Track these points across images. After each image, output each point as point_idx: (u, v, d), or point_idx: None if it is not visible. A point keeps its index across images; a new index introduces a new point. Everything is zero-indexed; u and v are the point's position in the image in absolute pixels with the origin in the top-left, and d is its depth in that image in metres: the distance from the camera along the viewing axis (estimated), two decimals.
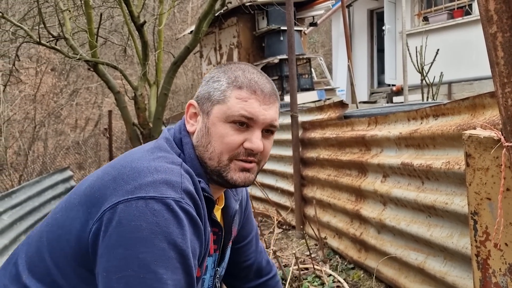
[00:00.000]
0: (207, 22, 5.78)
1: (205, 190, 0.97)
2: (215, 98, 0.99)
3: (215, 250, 1.08)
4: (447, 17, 8.27)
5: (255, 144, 0.99)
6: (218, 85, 1.00)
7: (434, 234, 2.00)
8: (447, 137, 1.92)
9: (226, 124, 0.98)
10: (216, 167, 0.99)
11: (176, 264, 0.84)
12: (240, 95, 0.98)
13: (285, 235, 3.66)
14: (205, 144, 0.99)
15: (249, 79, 1.00)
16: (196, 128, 1.02)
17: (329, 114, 3.31)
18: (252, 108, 0.98)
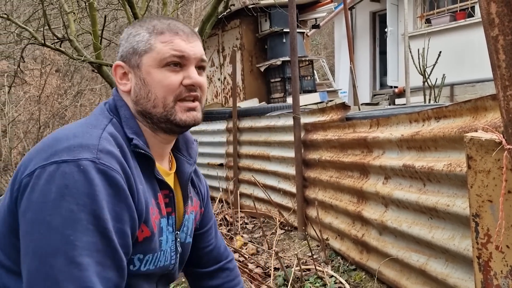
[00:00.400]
0: (210, 24, 5.80)
1: (138, 147, 0.97)
2: (141, 50, 1.01)
3: (169, 212, 1.07)
4: (450, 19, 8.27)
5: (194, 78, 1.02)
6: (140, 37, 1.02)
7: (436, 236, 2.00)
8: (448, 139, 1.93)
9: (160, 69, 1.00)
10: (163, 112, 1.01)
11: (87, 226, 0.83)
12: (164, 39, 1.01)
13: (287, 236, 3.67)
14: (145, 95, 1.01)
15: (167, 24, 1.03)
16: (130, 85, 1.03)
17: (331, 116, 3.32)
18: (180, 46, 1.01)
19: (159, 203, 1.03)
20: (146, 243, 0.98)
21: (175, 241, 1.09)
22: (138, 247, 0.96)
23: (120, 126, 1.00)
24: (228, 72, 8.44)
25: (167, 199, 1.06)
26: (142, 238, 0.97)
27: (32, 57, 11.89)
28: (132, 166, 0.95)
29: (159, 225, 1.02)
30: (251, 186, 4.52)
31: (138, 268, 0.98)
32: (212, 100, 8.96)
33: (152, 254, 1.00)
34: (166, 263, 1.06)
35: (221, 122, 5.30)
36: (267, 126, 4.27)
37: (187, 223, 1.14)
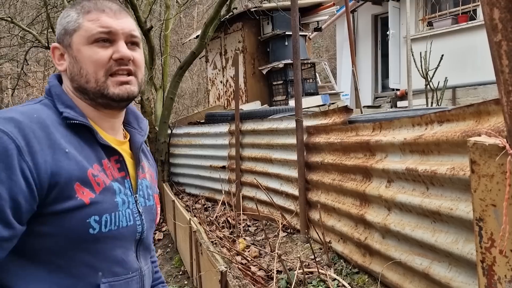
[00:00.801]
0: (213, 27, 5.82)
1: (69, 118, 1.01)
2: (71, 29, 1.06)
3: (123, 176, 1.10)
4: (452, 22, 8.28)
5: (121, 52, 1.05)
6: (69, 18, 1.08)
7: (439, 239, 2.01)
8: (452, 143, 1.94)
9: (90, 46, 1.04)
10: (96, 87, 1.05)
11: None
12: (91, 17, 1.06)
13: (289, 239, 3.67)
14: (77, 72, 1.05)
15: (94, 3, 1.08)
16: (66, 64, 1.08)
17: (334, 119, 3.33)
18: (107, 22, 1.06)
19: (106, 168, 1.06)
20: (97, 204, 0.99)
21: (136, 204, 1.11)
22: (89, 210, 0.98)
23: (51, 104, 1.05)
24: (230, 75, 8.46)
25: (118, 164, 1.10)
26: (88, 200, 0.98)
27: (36, 60, 11.92)
28: (54, 133, 0.97)
29: (111, 188, 1.05)
30: (254, 189, 4.53)
31: (100, 230, 1.00)
32: (214, 103, 8.98)
33: (109, 215, 1.02)
34: (130, 224, 1.07)
35: (224, 125, 5.31)
36: (269, 128, 4.28)
37: (142, 187, 1.17)
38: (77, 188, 0.97)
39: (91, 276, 0.99)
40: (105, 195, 1.02)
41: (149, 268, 1.19)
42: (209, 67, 9.26)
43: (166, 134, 6.25)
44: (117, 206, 1.05)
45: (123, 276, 1.06)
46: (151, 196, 1.21)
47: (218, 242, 3.63)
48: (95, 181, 1.00)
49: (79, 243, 0.97)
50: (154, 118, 6.38)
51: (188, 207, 5.18)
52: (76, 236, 0.96)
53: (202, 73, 14.27)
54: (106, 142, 1.06)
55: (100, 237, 0.99)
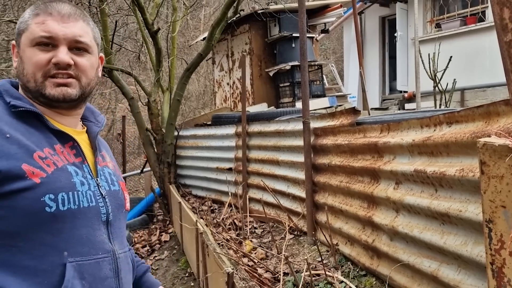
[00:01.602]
0: (219, 29, 5.83)
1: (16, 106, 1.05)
2: (21, 30, 1.12)
3: (81, 162, 1.14)
4: (460, 23, 8.23)
5: (58, 57, 1.09)
6: (23, 18, 1.13)
7: (448, 241, 1.99)
8: (461, 145, 1.92)
9: (32, 48, 1.09)
10: (35, 87, 1.09)
11: None
12: (38, 19, 1.10)
13: (296, 241, 3.66)
14: (21, 71, 1.11)
15: (45, 5, 1.12)
16: (17, 63, 1.13)
17: (341, 120, 3.31)
18: (50, 27, 1.09)
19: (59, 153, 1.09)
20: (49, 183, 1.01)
21: (98, 187, 1.14)
22: (41, 188, 1.00)
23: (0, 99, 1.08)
24: (237, 77, 8.47)
25: (74, 150, 1.14)
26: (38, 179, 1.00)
27: None
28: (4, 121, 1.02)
29: (65, 169, 1.07)
30: (260, 191, 4.52)
31: (57, 208, 1.01)
32: (221, 105, 9.00)
33: (66, 193, 1.04)
34: (92, 205, 1.09)
35: (230, 127, 5.31)
36: (276, 130, 4.27)
37: (103, 173, 1.20)
38: (26, 169, 0.99)
39: (55, 256, 0.99)
40: (58, 175, 1.04)
41: (126, 254, 1.20)
42: (216, 69, 9.28)
43: (172, 136, 6.27)
44: (74, 185, 1.07)
45: (92, 256, 1.05)
46: (115, 182, 1.24)
47: (224, 244, 3.62)
48: (44, 162, 1.03)
49: (38, 224, 0.98)
50: (161, 120, 6.39)
51: (194, 209, 5.18)
52: (32, 215, 0.97)
53: (209, 75, 14.31)
54: (57, 127, 1.10)
55: (58, 215, 1.01)
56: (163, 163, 6.26)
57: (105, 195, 1.15)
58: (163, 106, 6.56)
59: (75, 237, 1.03)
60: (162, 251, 5.33)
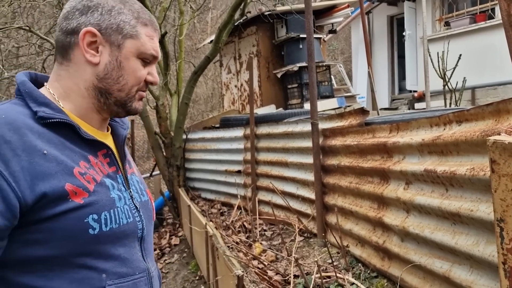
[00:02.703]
0: (226, 32, 5.84)
1: (44, 118, 0.94)
2: (127, 32, 1.02)
3: (115, 171, 1.06)
4: (470, 21, 8.14)
5: (156, 78, 1.09)
6: (125, 18, 1.02)
7: (460, 242, 1.96)
8: (471, 143, 1.89)
9: (137, 60, 1.04)
10: (124, 97, 1.04)
11: None
12: (148, 32, 1.05)
13: (306, 243, 3.64)
14: (115, 77, 1.02)
15: (149, 16, 1.07)
16: (100, 59, 1.01)
17: (350, 121, 3.29)
18: (156, 46, 1.08)
19: (94, 165, 1.00)
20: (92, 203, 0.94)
21: (132, 200, 1.07)
22: (85, 209, 0.92)
23: (23, 102, 0.97)
24: (244, 79, 8.47)
25: (107, 159, 1.05)
26: (81, 199, 0.92)
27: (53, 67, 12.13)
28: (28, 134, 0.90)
29: (104, 184, 0.99)
30: (269, 193, 4.51)
31: (100, 230, 0.94)
32: (229, 107, 9.01)
33: (108, 212, 0.97)
34: (130, 221, 1.02)
35: (239, 129, 5.31)
36: (284, 132, 4.26)
37: (133, 183, 1.12)
38: (69, 189, 0.91)
39: (95, 279, 0.93)
40: (99, 192, 0.97)
41: (156, 270, 1.14)
42: (224, 72, 9.29)
43: (181, 139, 6.28)
44: (114, 202, 0.99)
45: (130, 277, 1.00)
46: (144, 191, 1.16)
47: (234, 246, 3.62)
48: (85, 179, 0.95)
49: (79, 246, 0.91)
50: (169, 123, 6.41)
51: (204, 212, 5.19)
52: (74, 238, 0.90)
53: (217, 77, 14.34)
54: (91, 136, 1.01)
55: (101, 236, 0.94)
56: (172, 167, 6.28)
57: (139, 207, 1.08)
58: (171, 110, 6.59)
59: (114, 258, 0.97)
60: (172, 254, 5.34)
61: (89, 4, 1.01)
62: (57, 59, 1.04)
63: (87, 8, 1.01)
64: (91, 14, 1.00)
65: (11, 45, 7.43)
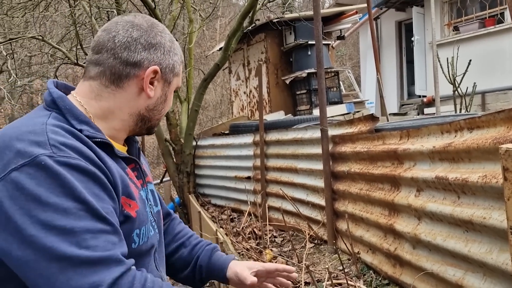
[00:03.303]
0: (235, 39, 5.88)
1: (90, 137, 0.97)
2: (176, 71, 1.13)
3: (142, 184, 1.12)
4: (479, 26, 8.11)
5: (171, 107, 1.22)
6: (177, 59, 1.14)
7: (472, 249, 1.95)
8: (483, 151, 1.89)
9: (172, 94, 1.17)
10: (154, 121, 1.14)
11: (78, 212, 0.83)
12: (180, 70, 1.17)
13: (317, 250, 3.64)
14: (160, 109, 1.13)
15: (182, 54, 1.17)
16: (154, 93, 1.10)
17: (360, 127, 3.30)
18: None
19: (132, 178, 1.06)
20: (138, 217, 1.00)
21: (151, 212, 1.12)
22: (134, 223, 0.97)
23: (63, 118, 0.99)
24: (253, 86, 8.51)
25: (135, 172, 1.12)
26: (134, 212, 0.97)
27: (65, 76, 12.31)
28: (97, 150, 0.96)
29: (141, 198, 1.05)
30: (279, 199, 4.51)
31: (138, 244, 1.00)
32: (238, 113, 9.04)
33: (145, 227, 1.03)
34: (152, 234, 1.08)
35: (248, 136, 5.33)
36: (294, 138, 4.27)
37: (151, 193, 1.18)
38: (123, 201, 0.96)
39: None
40: (141, 206, 1.03)
41: (165, 277, 1.19)
42: (233, 78, 9.34)
43: (191, 146, 6.32)
44: (147, 216, 1.05)
45: None
46: (157, 201, 1.21)
47: (245, 253, 3.62)
48: (133, 192, 1.01)
49: None
50: (179, 130, 6.46)
51: (214, 218, 5.20)
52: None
53: (225, 84, 14.40)
54: (123, 153, 1.08)
55: (137, 249, 1.00)
56: (182, 173, 6.32)
57: (156, 219, 1.13)
58: (181, 117, 6.64)
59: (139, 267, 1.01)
60: None
61: (152, 41, 1.06)
62: (101, 81, 1.05)
63: (150, 45, 1.06)
64: (154, 52, 1.06)
65: (23, 54, 7.55)
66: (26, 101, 13.53)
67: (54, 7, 6.32)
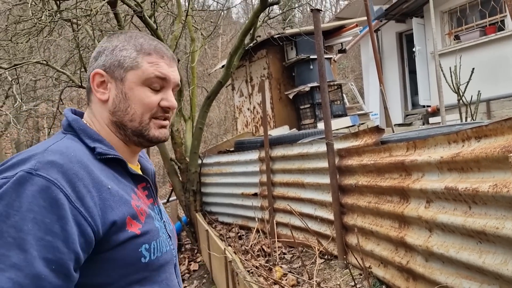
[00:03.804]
0: (237, 56, 5.92)
1: (102, 154, 1.00)
2: (128, 65, 1.06)
3: (152, 203, 1.11)
4: (480, 34, 8.13)
5: (171, 102, 1.09)
6: (127, 53, 1.07)
7: (487, 261, 1.91)
8: (492, 160, 1.86)
9: (143, 88, 1.06)
10: (138, 127, 1.06)
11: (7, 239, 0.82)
12: (151, 60, 1.07)
13: (327, 265, 3.58)
14: (124, 109, 1.06)
15: (154, 46, 1.09)
16: (109, 95, 1.07)
17: (365, 140, 3.27)
18: (164, 69, 1.08)
19: (140, 196, 1.07)
20: (145, 233, 1.00)
21: (165, 229, 1.12)
22: (140, 239, 0.98)
23: (78, 139, 1.02)
24: (257, 101, 8.53)
25: (146, 191, 1.11)
26: (138, 230, 0.98)
27: (69, 99, 12.42)
28: (94, 171, 0.95)
29: (150, 214, 1.05)
30: (287, 215, 4.47)
31: (150, 258, 1.00)
32: (242, 130, 9.05)
33: (155, 241, 1.03)
34: (168, 249, 1.08)
35: (253, 152, 5.32)
36: (299, 153, 4.25)
37: (163, 213, 1.19)
38: (128, 222, 0.97)
39: None
40: (149, 222, 1.03)
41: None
42: (236, 95, 9.38)
43: (196, 164, 6.31)
44: (158, 231, 1.06)
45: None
46: (169, 219, 1.23)
47: (254, 271, 3.58)
48: (139, 211, 1.01)
49: (132, 274, 0.97)
50: (184, 149, 6.46)
51: (222, 236, 5.16)
52: (129, 266, 0.96)
53: (229, 101, 14.46)
54: (135, 171, 1.08)
55: (149, 264, 1.00)
56: (189, 191, 6.29)
57: (171, 236, 1.15)
58: (185, 135, 6.64)
59: (157, 283, 1.03)
60: (192, 280, 5.29)
61: (99, 49, 1.10)
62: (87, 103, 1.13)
63: (98, 54, 1.10)
64: (100, 58, 1.09)
65: (28, 78, 7.64)
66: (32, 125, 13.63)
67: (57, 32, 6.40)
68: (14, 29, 5.65)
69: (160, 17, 7.84)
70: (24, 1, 5.41)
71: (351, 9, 10.38)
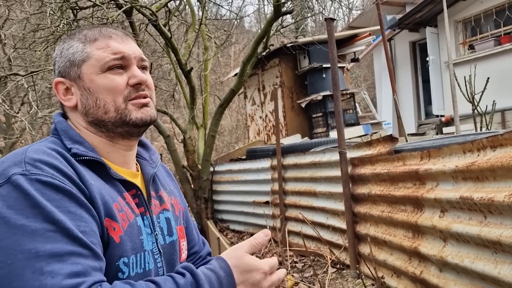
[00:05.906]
0: (250, 65, 5.96)
1: (77, 155, 0.93)
2: (79, 60, 1.00)
3: (142, 213, 1.02)
4: (494, 43, 8.06)
5: (139, 77, 1.00)
6: (74, 49, 1.01)
7: (503, 271, 1.88)
8: (508, 169, 1.84)
9: (104, 74, 0.99)
10: (116, 116, 0.99)
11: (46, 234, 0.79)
12: (99, 45, 1.00)
13: (339, 275, 3.55)
14: (93, 104, 0.99)
15: (98, 30, 1.02)
16: (75, 98, 1.01)
17: (379, 149, 3.26)
18: (118, 48, 1.00)
19: (129, 202, 0.99)
20: (124, 243, 0.92)
21: (156, 243, 1.02)
22: (118, 250, 0.90)
23: (59, 140, 0.98)
24: (269, 110, 8.55)
25: (136, 199, 1.02)
26: (118, 237, 0.90)
27: None
28: (79, 168, 0.92)
29: (135, 224, 0.97)
30: (299, 223, 4.46)
31: (128, 275, 0.91)
32: (254, 138, 9.06)
33: (135, 256, 0.94)
34: (153, 266, 0.99)
35: (265, 160, 5.32)
36: (312, 162, 4.24)
37: (160, 222, 1.07)
38: (107, 224, 0.90)
39: None
40: (131, 232, 0.95)
41: None
42: (248, 103, 9.41)
43: (208, 172, 6.33)
44: (142, 245, 0.97)
45: None
46: (173, 229, 1.10)
47: None
48: (120, 216, 0.94)
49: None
50: (197, 156, 6.49)
51: (233, 244, 5.15)
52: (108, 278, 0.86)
53: (241, 109, 14.52)
54: (120, 176, 1.00)
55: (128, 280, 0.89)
56: (200, 199, 6.31)
57: (162, 250, 1.04)
58: (198, 143, 6.68)
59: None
60: None
61: (53, 60, 1.07)
62: None
63: (53, 65, 1.06)
64: (55, 67, 1.05)
65: (44, 86, 7.76)
66: (47, 131, 13.83)
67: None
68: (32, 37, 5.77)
69: (174, 26, 7.93)
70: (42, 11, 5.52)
71: (364, 18, 10.38)
